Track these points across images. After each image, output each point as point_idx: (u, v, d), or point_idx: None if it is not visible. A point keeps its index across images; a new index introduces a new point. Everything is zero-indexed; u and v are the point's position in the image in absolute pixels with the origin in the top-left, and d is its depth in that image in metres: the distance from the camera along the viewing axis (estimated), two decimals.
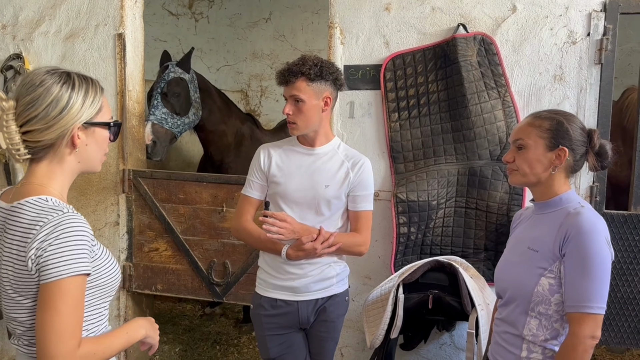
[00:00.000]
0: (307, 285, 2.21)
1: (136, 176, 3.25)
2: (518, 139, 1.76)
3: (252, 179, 2.28)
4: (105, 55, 3.24)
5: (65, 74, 1.40)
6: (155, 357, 3.78)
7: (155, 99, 3.55)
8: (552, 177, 1.72)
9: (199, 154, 4.49)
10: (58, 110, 1.36)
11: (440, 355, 3.03)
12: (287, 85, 2.14)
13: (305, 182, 2.19)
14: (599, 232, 1.61)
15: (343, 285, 2.32)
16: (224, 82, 5.86)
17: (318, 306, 2.26)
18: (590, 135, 1.73)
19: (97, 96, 1.44)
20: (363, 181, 2.23)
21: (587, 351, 1.58)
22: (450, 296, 2.43)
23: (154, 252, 3.27)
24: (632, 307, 2.69)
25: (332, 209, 2.21)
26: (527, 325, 1.71)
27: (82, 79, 1.42)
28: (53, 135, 1.37)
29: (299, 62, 2.14)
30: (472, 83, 2.71)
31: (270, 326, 2.25)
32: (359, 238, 2.25)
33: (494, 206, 2.72)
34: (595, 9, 2.67)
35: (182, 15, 5.83)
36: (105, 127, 1.46)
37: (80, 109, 1.39)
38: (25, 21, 3.33)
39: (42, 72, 1.39)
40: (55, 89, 1.36)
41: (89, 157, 1.46)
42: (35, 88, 1.36)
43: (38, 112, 1.35)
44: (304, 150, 2.25)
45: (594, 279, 1.58)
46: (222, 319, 4.50)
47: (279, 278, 2.23)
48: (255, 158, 2.30)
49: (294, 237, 2.12)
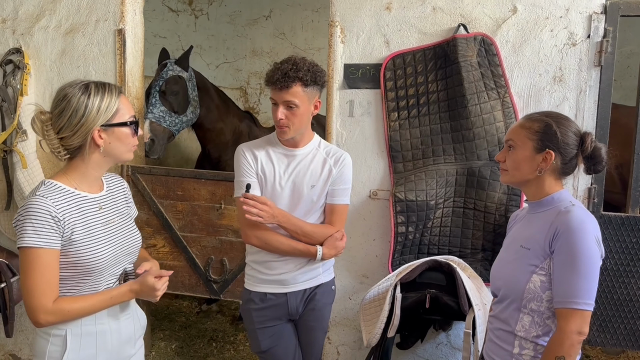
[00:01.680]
0: (294, 277, 2.25)
1: (134, 172, 3.24)
2: (509, 139, 1.80)
3: (244, 178, 2.21)
4: (105, 51, 3.23)
5: (83, 86, 1.68)
6: (151, 353, 3.78)
7: (154, 97, 3.54)
8: (541, 178, 1.75)
9: (197, 151, 4.48)
10: (78, 119, 1.65)
11: (436, 355, 3.03)
12: (282, 90, 2.09)
13: (288, 184, 2.21)
14: (588, 230, 1.64)
15: (329, 274, 2.38)
16: (223, 79, 5.85)
17: (306, 296, 2.30)
18: (583, 138, 1.74)
19: (113, 101, 1.69)
20: (343, 175, 2.26)
21: (573, 346, 1.61)
22: (447, 296, 2.44)
23: (151, 248, 3.27)
24: (629, 308, 2.70)
25: (316, 207, 2.25)
26: (520, 322, 1.73)
27: (98, 87, 1.69)
28: (80, 139, 1.67)
29: (292, 66, 2.09)
30: (471, 83, 2.71)
31: (260, 319, 2.28)
32: (331, 230, 2.26)
33: (492, 206, 2.72)
34: (595, 11, 2.68)
35: (182, 11, 5.82)
36: (123, 126, 1.72)
37: (97, 115, 1.66)
38: (25, 15, 3.32)
39: (66, 86, 1.69)
40: (74, 102, 1.65)
41: (114, 152, 1.74)
42: (60, 102, 1.67)
43: (64, 122, 1.66)
44: (287, 151, 2.24)
45: (582, 276, 1.61)
46: (218, 316, 4.50)
47: (266, 273, 2.26)
48: (240, 158, 2.24)
49: (273, 221, 2.13)
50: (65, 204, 1.67)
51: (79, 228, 1.67)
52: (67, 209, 1.66)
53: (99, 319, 1.74)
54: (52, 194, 1.65)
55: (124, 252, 1.81)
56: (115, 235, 1.79)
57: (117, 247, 1.78)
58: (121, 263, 1.81)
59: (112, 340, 1.78)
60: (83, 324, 1.71)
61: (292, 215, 2.20)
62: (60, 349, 1.69)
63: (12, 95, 3.20)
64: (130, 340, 1.86)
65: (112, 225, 1.79)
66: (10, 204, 3.28)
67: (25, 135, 3.18)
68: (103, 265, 1.72)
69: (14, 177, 3.21)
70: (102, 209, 1.79)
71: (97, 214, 1.76)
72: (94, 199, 1.77)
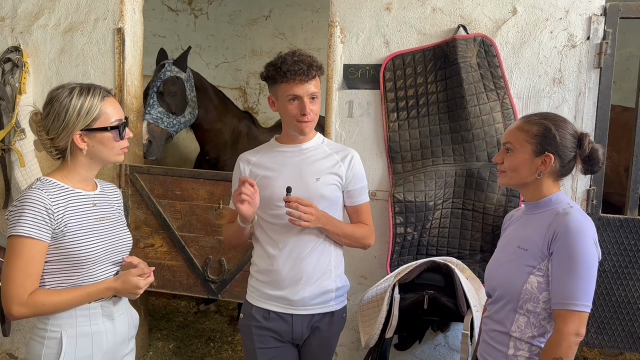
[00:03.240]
0: (304, 299, 2.06)
1: (133, 171, 3.23)
2: (507, 142, 1.80)
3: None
4: (104, 50, 3.23)
5: (69, 90, 1.70)
6: (148, 353, 3.77)
7: (151, 98, 3.52)
8: (539, 180, 1.75)
9: (196, 150, 4.48)
10: (59, 122, 1.69)
11: (434, 356, 3.03)
12: (308, 82, 1.97)
13: (294, 178, 2.06)
14: (586, 232, 1.64)
15: (342, 302, 2.19)
16: (223, 79, 5.85)
17: (314, 322, 2.11)
18: (580, 140, 1.74)
19: (95, 105, 1.70)
20: (357, 174, 2.14)
21: (570, 347, 1.61)
22: (445, 297, 2.43)
23: (149, 248, 3.26)
24: (627, 310, 2.70)
25: (324, 204, 2.06)
26: (516, 322, 1.73)
27: (82, 91, 1.70)
28: (64, 141, 1.71)
29: (307, 57, 1.99)
30: (471, 84, 2.71)
31: (261, 339, 2.10)
32: (365, 229, 2.18)
33: (491, 208, 2.72)
34: (595, 12, 2.68)
35: (181, 11, 5.81)
36: (104, 131, 1.73)
37: (77, 119, 1.69)
38: (24, 14, 3.32)
39: (55, 88, 1.73)
40: (56, 105, 1.69)
41: (99, 155, 1.76)
42: (47, 105, 1.72)
43: (50, 125, 1.70)
44: (289, 148, 2.13)
45: (580, 277, 1.61)
46: (216, 316, 4.50)
47: (273, 288, 2.09)
48: (235, 169, 2.17)
49: (317, 224, 1.99)
50: (61, 198, 1.69)
51: (72, 221, 1.69)
52: (62, 202, 1.69)
53: (94, 319, 1.74)
54: (47, 188, 1.68)
55: (114, 250, 1.81)
56: (107, 231, 1.79)
57: (108, 243, 1.79)
58: (112, 261, 1.81)
59: (107, 341, 1.78)
60: (78, 324, 1.71)
61: (334, 217, 2.08)
62: (56, 352, 1.68)
63: (11, 94, 3.20)
64: (124, 340, 1.86)
65: (105, 223, 1.80)
66: (8, 203, 3.28)
67: (23, 133, 3.17)
68: (94, 258, 1.73)
69: (12, 176, 3.20)
70: (96, 206, 1.80)
71: (90, 210, 1.77)
72: (88, 196, 1.79)
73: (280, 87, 2.00)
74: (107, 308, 1.78)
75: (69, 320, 1.70)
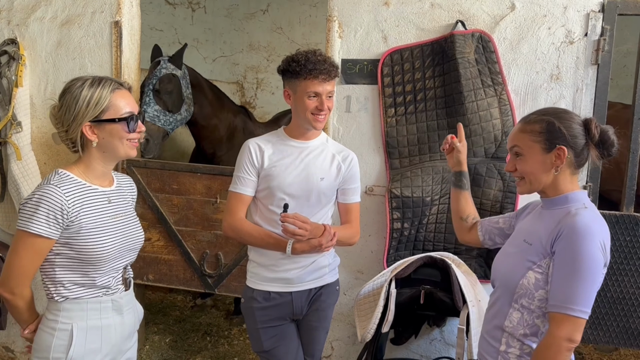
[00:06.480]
0: (300, 276, 2.22)
1: (130, 165, 3.23)
2: (514, 146, 1.75)
3: (243, 175, 2.20)
4: (101, 43, 3.21)
5: (80, 82, 1.71)
6: (145, 347, 3.77)
7: (147, 96, 3.50)
8: (556, 176, 1.69)
9: (192, 145, 4.47)
10: (70, 113, 1.70)
11: (430, 351, 3.04)
12: (329, 81, 2.10)
13: (301, 175, 2.18)
14: (593, 235, 1.57)
15: (334, 274, 2.37)
16: (220, 73, 5.83)
17: (311, 296, 2.28)
18: (587, 125, 1.69)
19: (104, 96, 1.70)
20: (354, 175, 2.29)
21: (560, 353, 1.55)
22: (442, 292, 2.44)
23: (146, 242, 3.23)
24: (622, 306, 2.71)
25: (324, 201, 2.24)
26: (509, 317, 1.71)
27: (93, 82, 1.71)
28: (76, 132, 1.71)
29: (327, 57, 2.12)
30: (469, 80, 2.71)
31: (263, 319, 2.24)
32: (352, 230, 2.32)
33: (488, 204, 2.73)
34: (593, 9, 2.68)
35: (179, 4, 5.79)
36: (112, 122, 1.71)
37: (86, 110, 1.68)
38: (21, 6, 3.30)
39: (69, 81, 1.74)
40: (68, 98, 1.70)
41: (109, 147, 1.75)
42: (61, 96, 1.73)
43: (63, 117, 1.72)
44: (297, 143, 2.23)
45: (580, 281, 1.55)
46: (213, 310, 4.50)
47: (272, 271, 2.22)
48: (243, 153, 2.22)
49: (310, 236, 2.09)
50: (77, 194, 1.70)
51: (87, 218, 1.70)
52: (78, 198, 1.69)
53: (105, 313, 1.77)
54: (64, 184, 1.68)
55: (127, 247, 1.83)
56: (120, 229, 1.81)
57: (122, 240, 1.80)
58: (124, 257, 1.83)
59: (115, 334, 1.80)
60: (89, 317, 1.74)
61: (320, 224, 2.17)
62: (66, 343, 1.70)
63: (7, 87, 3.18)
64: (130, 334, 1.88)
65: (119, 220, 1.81)
66: (4, 196, 3.27)
67: (20, 126, 3.16)
68: (107, 256, 1.74)
69: (8, 169, 3.19)
70: (111, 202, 1.81)
71: (105, 207, 1.78)
72: (103, 192, 1.79)
73: (302, 83, 2.10)
74: (117, 302, 1.80)
75: (80, 313, 1.72)
